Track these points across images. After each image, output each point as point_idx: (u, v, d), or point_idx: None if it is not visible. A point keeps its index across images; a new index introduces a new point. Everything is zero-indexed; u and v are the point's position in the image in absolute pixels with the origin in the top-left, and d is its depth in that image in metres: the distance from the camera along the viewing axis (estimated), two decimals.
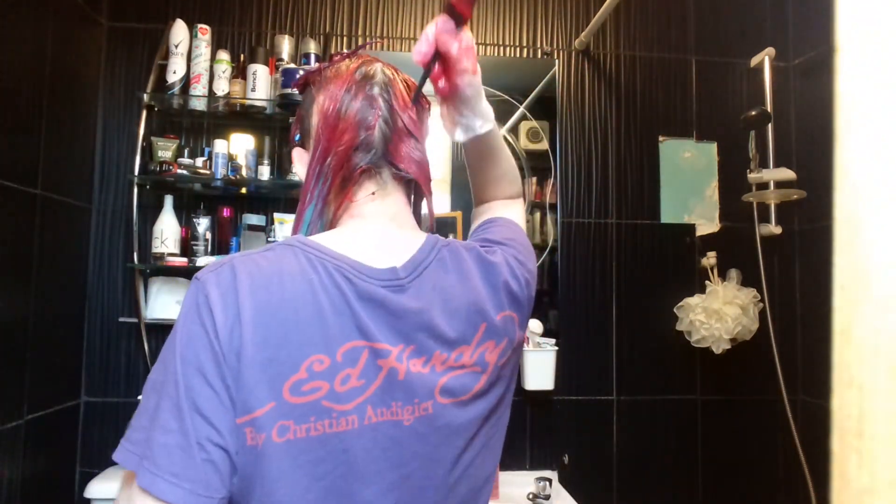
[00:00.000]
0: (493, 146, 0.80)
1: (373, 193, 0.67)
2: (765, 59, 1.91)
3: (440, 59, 0.71)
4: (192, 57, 1.71)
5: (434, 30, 0.69)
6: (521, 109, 1.89)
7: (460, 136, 0.77)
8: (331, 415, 0.55)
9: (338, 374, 0.56)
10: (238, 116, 1.78)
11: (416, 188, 0.73)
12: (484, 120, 0.76)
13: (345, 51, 0.76)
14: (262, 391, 0.53)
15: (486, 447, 0.67)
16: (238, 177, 1.68)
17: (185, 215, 1.75)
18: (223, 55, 1.72)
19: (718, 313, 1.74)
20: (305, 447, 0.55)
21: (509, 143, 1.89)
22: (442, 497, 0.62)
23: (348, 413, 0.56)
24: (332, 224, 0.68)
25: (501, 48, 1.93)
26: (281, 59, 1.74)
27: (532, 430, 1.82)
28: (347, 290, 0.58)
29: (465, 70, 0.71)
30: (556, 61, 1.93)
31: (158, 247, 1.64)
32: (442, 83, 0.73)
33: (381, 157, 0.67)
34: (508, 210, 0.82)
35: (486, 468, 0.67)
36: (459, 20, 0.68)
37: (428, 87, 0.73)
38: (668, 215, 1.92)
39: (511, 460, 1.79)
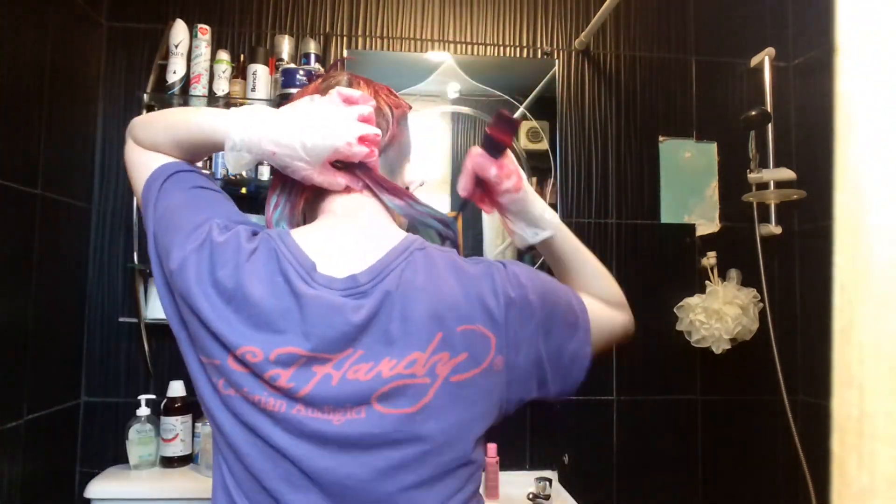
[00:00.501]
0: (565, 251, 0.80)
1: (346, 189, 0.69)
2: (765, 59, 1.91)
3: (481, 184, 0.74)
4: (192, 57, 1.71)
5: (471, 163, 0.72)
6: (521, 109, 1.89)
7: (520, 244, 0.79)
8: (262, 393, 0.59)
9: (267, 371, 0.58)
10: None
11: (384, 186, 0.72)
12: (538, 229, 0.78)
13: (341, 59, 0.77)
14: (216, 344, 0.60)
15: (427, 485, 0.60)
16: (238, 177, 1.68)
17: None
18: (223, 55, 1.72)
19: (718, 313, 1.74)
20: (240, 408, 0.59)
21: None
22: None
23: (277, 398, 0.59)
24: (302, 215, 0.71)
25: (501, 48, 1.93)
26: (281, 59, 1.74)
27: (532, 430, 1.82)
28: (302, 293, 0.59)
29: (506, 191, 0.74)
30: (556, 61, 1.93)
31: None
32: (486, 207, 0.77)
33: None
34: (596, 303, 0.75)
35: None
36: (497, 150, 0.71)
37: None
38: (668, 215, 1.92)
39: (511, 460, 1.79)
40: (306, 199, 0.71)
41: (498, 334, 0.62)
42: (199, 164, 1.71)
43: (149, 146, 0.71)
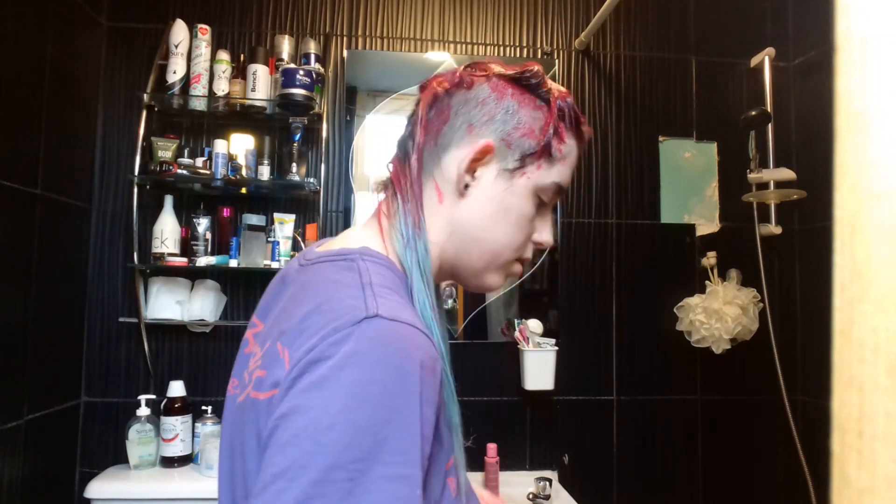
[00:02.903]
0: None
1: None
2: (765, 59, 1.91)
3: None
4: (192, 57, 1.71)
5: None
6: None
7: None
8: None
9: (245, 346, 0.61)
10: (238, 116, 1.78)
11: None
12: None
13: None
14: None
15: (230, 473, 0.55)
16: (238, 177, 1.68)
17: (185, 215, 1.75)
18: (223, 55, 1.72)
19: (718, 313, 1.74)
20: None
21: None
22: (223, 488, 0.57)
23: (232, 378, 0.60)
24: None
25: (501, 48, 1.93)
26: (281, 59, 1.74)
27: (532, 430, 1.82)
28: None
29: None
30: (556, 61, 1.93)
31: (158, 247, 1.64)
32: None
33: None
34: None
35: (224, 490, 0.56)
36: None
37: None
38: (668, 215, 1.92)
39: (511, 460, 1.79)
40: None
41: (297, 366, 0.46)
42: (199, 163, 1.71)
43: None
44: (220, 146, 1.69)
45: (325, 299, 0.50)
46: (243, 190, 1.75)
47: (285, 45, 1.75)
